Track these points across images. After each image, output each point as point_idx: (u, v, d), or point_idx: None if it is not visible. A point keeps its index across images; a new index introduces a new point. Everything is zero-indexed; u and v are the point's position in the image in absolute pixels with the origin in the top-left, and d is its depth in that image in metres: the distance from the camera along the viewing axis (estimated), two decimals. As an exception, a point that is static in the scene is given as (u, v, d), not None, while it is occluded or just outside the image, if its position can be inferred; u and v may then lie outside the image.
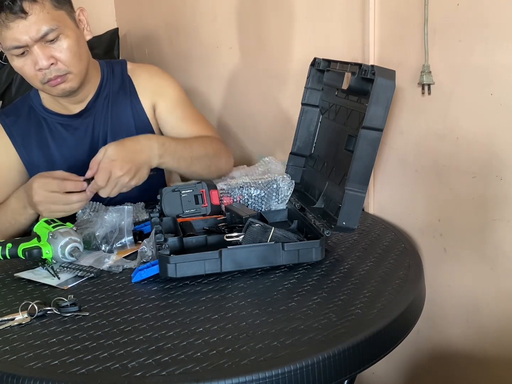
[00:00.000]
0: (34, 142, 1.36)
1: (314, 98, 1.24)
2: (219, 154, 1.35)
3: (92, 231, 1.12)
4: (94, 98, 1.38)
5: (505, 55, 0.95)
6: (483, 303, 1.10)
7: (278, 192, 1.20)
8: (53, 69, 1.20)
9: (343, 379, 0.77)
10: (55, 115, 1.38)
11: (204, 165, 1.31)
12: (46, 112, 1.38)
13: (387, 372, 1.37)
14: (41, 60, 1.17)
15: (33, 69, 1.20)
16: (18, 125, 1.37)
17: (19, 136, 1.36)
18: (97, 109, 1.38)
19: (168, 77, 1.48)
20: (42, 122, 1.38)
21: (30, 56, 1.18)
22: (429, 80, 1.08)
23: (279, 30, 1.51)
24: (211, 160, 1.33)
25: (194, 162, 1.29)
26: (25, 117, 1.38)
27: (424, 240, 1.19)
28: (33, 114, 1.38)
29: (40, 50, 1.17)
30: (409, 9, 1.11)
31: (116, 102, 1.40)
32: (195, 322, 0.83)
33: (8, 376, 0.73)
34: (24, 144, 1.36)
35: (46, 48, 1.18)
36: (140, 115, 1.41)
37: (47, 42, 1.17)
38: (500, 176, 1.01)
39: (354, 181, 0.97)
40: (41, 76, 1.21)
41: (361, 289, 0.91)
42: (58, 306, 0.88)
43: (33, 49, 1.17)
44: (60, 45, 1.19)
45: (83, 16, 1.28)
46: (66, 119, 1.38)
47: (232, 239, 1.00)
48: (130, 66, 1.45)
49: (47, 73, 1.20)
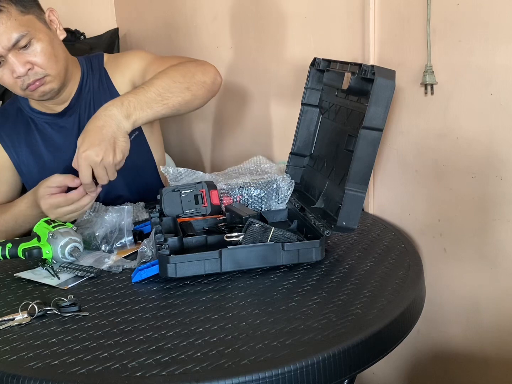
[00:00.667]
0: (23, 142, 1.37)
1: (314, 98, 1.24)
2: (189, 70, 1.23)
3: (92, 231, 1.12)
4: (76, 96, 1.37)
5: (505, 55, 0.95)
6: (483, 303, 1.10)
7: (278, 192, 1.20)
8: (30, 74, 1.20)
9: (343, 379, 0.77)
10: (42, 115, 1.38)
11: (180, 90, 1.18)
12: (33, 112, 1.39)
13: (387, 372, 1.37)
14: (17, 67, 1.17)
15: (12, 78, 1.20)
16: (6, 126, 1.38)
17: (8, 137, 1.37)
18: (81, 106, 1.38)
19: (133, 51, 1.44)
20: (30, 123, 1.38)
21: (7, 65, 1.19)
22: (432, 80, 1.08)
23: (279, 30, 1.51)
24: (186, 81, 1.20)
25: (168, 96, 1.15)
26: (14, 118, 1.39)
27: (424, 240, 1.19)
28: (21, 115, 1.39)
29: (15, 58, 1.17)
30: (409, 9, 1.11)
31: (98, 96, 1.38)
32: (195, 322, 0.83)
33: (8, 376, 0.73)
34: (14, 144, 1.37)
35: (20, 55, 1.18)
36: None
37: (20, 49, 1.17)
38: (500, 176, 1.01)
39: (354, 181, 0.97)
40: (20, 82, 1.21)
41: (361, 289, 0.91)
42: (58, 306, 0.88)
43: (8, 57, 1.17)
44: (34, 50, 1.19)
45: (53, 16, 1.27)
46: (52, 118, 1.38)
47: (232, 239, 1.00)
48: (106, 59, 1.43)
49: (25, 79, 1.21)
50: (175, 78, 1.18)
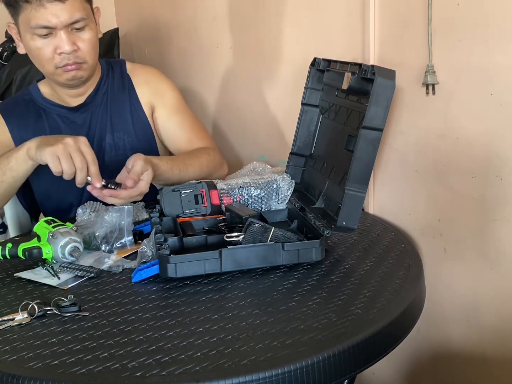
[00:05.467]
0: (31, 130, 1.37)
1: (314, 98, 1.24)
2: (212, 169, 1.38)
3: (92, 231, 1.12)
4: (93, 94, 1.40)
5: (505, 55, 0.95)
6: (483, 303, 1.10)
7: (278, 192, 1.20)
8: (72, 56, 1.25)
9: (343, 379, 0.77)
10: (55, 106, 1.40)
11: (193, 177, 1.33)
12: (46, 102, 1.40)
13: (387, 372, 1.37)
14: (66, 44, 1.22)
15: (51, 52, 1.24)
16: (15, 112, 1.39)
17: (15, 122, 1.38)
18: (95, 105, 1.40)
19: (167, 80, 1.50)
20: (42, 113, 1.39)
21: (53, 40, 1.23)
22: (434, 80, 1.08)
23: (279, 30, 1.51)
24: (202, 176, 1.34)
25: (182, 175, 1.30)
26: (24, 108, 1.40)
27: (424, 240, 1.19)
28: (32, 105, 1.40)
29: (66, 36, 1.22)
30: (409, 9, 1.11)
31: (115, 100, 1.42)
32: (195, 322, 0.83)
33: (8, 376, 0.73)
34: (20, 130, 1.37)
35: (71, 34, 1.24)
36: (138, 113, 1.43)
37: (73, 29, 1.23)
38: (500, 176, 1.01)
39: (354, 181, 0.97)
40: (59, 59, 1.25)
41: (361, 289, 0.91)
42: (58, 306, 0.88)
43: (59, 33, 1.22)
44: (84, 35, 1.26)
45: (98, 15, 1.34)
46: (65, 111, 1.40)
47: (232, 239, 1.00)
48: (129, 66, 1.48)
49: (66, 58, 1.25)
50: (202, 173, 1.33)
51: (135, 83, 1.45)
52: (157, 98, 1.45)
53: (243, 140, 1.80)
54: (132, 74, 1.46)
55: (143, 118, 1.43)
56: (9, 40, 2.01)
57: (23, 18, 1.22)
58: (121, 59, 1.51)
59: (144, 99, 1.44)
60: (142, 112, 1.43)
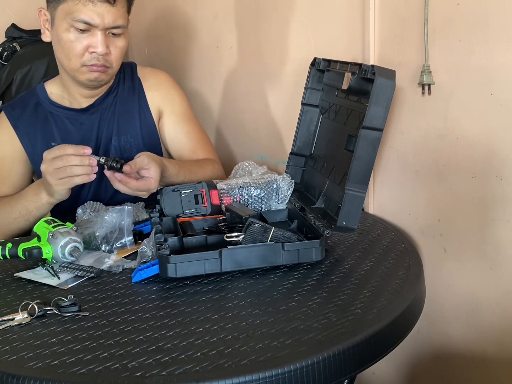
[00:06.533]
0: (39, 135, 1.38)
1: (314, 98, 1.24)
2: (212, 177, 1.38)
3: (92, 231, 1.12)
4: (104, 96, 1.40)
5: (505, 55, 0.95)
6: (483, 303, 1.10)
7: (278, 192, 1.20)
8: (102, 58, 1.26)
9: (343, 379, 0.77)
10: (62, 109, 1.39)
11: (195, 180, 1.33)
12: (53, 105, 1.40)
13: (387, 372, 1.37)
14: (102, 46, 1.24)
15: (83, 48, 1.25)
16: (24, 118, 1.39)
17: (25, 129, 1.38)
18: (105, 107, 1.41)
19: (178, 87, 1.51)
20: (49, 117, 1.39)
21: (89, 37, 1.24)
22: (429, 80, 1.08)
23: (279, 30, 1.51)
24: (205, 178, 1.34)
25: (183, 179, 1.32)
26: (32, 111, 1.39)
27: (424, 240, 1.19)
28: (40, 108, 1.40)
29: (103, 37, 1.24)
30: (409, 9, 1.11)
31: (124, 102, 1.42)
32: (195, 322, 0.83)
33: (8, 376, 0.73)
34: (30, 137, 1.38)
35: (108, 38, 1.26)
36: (146, 117, 1.43)
37: (110, 33, 1.26)
38: (500, 176, 1.01)
39: (354, 181, 0.97)
40: (88, 57, 1.26)
41: (361, 289, 0.91)
42: (58, 306, 0.88)
43: (97, 33, 1.23)
44: (118, 42, 1.29)
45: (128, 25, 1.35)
46: (73, 113, 1.40)
47: (232, 239, 1.00)
48: (140, 69, 1.48)
49: (95, 58, 1.26)
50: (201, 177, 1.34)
51: (145, 86, 1.45)
52: (166, 104, 1.45)
53: (243, 140, 1.80)
54: (143, 77, 1.46)
55: (151, 122, 1.44)
56: (9, 40, 2.00)
57: (66, 7, 1.22)
58: (132, 62, 1.51)
59: (153, 103, 1.44)
60: (150, 116, 1.43)
